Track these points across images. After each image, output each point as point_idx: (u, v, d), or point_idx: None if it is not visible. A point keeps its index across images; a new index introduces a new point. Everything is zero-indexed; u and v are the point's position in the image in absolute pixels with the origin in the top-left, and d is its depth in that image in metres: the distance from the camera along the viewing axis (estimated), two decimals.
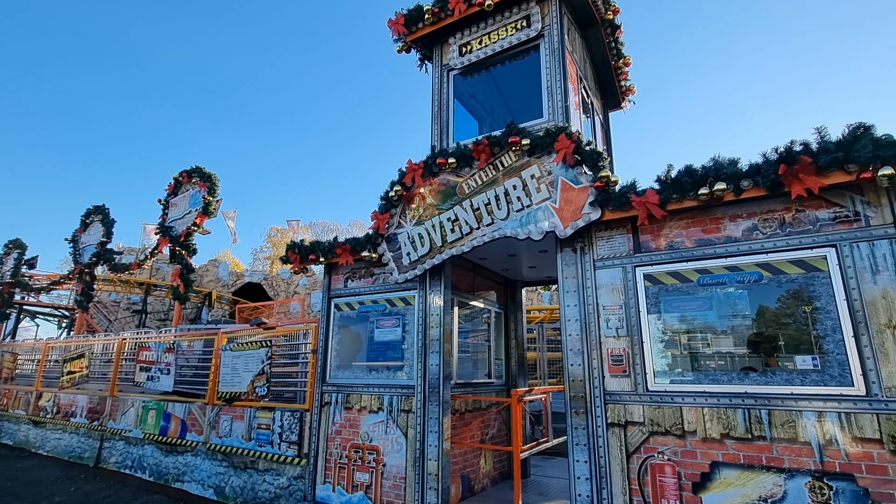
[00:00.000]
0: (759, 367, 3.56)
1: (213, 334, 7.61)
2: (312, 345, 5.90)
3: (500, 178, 4.46)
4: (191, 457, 7.01)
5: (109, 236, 12.46)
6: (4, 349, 12.38)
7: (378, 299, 5.50)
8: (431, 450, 4.64)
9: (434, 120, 5.53)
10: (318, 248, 5.52)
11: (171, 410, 7.53)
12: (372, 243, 5.11)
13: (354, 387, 5.36)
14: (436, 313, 4.94)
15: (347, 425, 5.32)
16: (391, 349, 5.37)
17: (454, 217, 4.66)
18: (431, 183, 4.87)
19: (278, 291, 33.97)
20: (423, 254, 4.84)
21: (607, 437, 3.83)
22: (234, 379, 6.75)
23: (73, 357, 9.83)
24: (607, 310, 4.05)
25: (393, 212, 5.06)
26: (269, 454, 5.95)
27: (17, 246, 16.20)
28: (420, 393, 4.85)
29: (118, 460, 8.11)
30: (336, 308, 5.82)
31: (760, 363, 3.58)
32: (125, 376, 9.07)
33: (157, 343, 8.20)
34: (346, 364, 5.64)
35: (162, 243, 10.72)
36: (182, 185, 10.83)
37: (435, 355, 4.85)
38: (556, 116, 4.69)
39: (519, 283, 7.15)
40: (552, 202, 4.16)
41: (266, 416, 6.16)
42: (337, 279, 5.89)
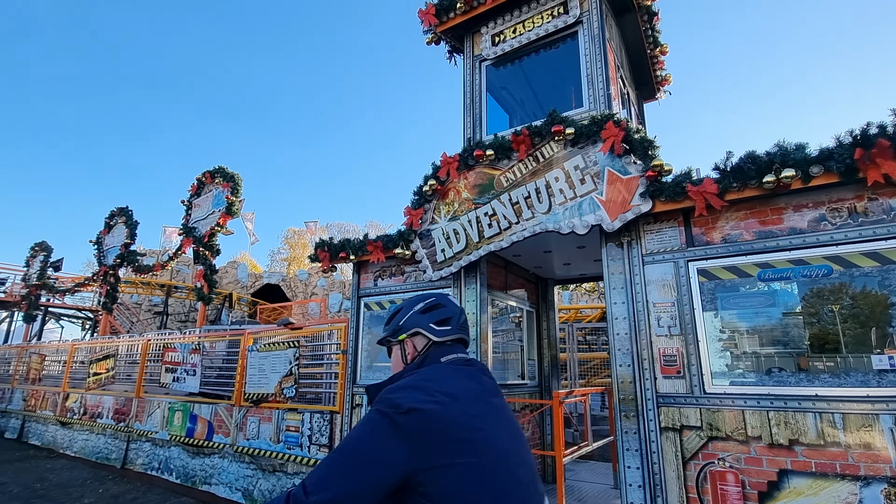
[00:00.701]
0: (830, 368, 3.31)
1: (238, 335, 7.54)
2: (342, 345, 5.77)
3: (540, 169, 4.26)
4: (218, 459, 6.93)
5: (133, 238, 12.54)
6: (32, 350, 12.54)
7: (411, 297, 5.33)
8: None
9: (466, 112, 5.36)
10: (349, 246, 5.38)
11: (197, 412, 7.47)
12: (404, 240, 4.96)
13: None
14: (472, 312, 4.76)
15: None
16: None
17: (491, 211, 4.48)
18: (467, 176, 4.69)
19: (296, 292, 34.18)
20: (458, 250, 4.66)
21: (661, 443, 3.61)
22: (261, 380, 6.65)
23: (99, 358, 9.87)
24: (658, 307, 3.82)
25: (426, 207, 4.89)
26: (299, 457, 5.83)
27: (43, 248, 16.46)
28: None
29: (145, 462, 8.09)
30: (366, 307, 5.68)
31: (832, 364, 3.32)
32: (150, 377, 9.07)
33: (182, 344, 8.16)
34: (379, 365, 5.49)
35: (186, 244, 10.72)
36: (205, 185, 10.83)
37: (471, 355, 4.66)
38: (598, 105, 4.48)
39: (550, 282, 6.93)
40: (598, 194, 3.95)
41: (295, 418, 6.04)
42: (366, 278, 5.75)
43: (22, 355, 12.98)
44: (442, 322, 1.46)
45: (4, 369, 15.07)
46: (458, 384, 1.26)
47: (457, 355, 1.41)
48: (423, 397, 1.16)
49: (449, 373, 1.32)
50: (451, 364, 1.37)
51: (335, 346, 7.75)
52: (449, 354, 1.40)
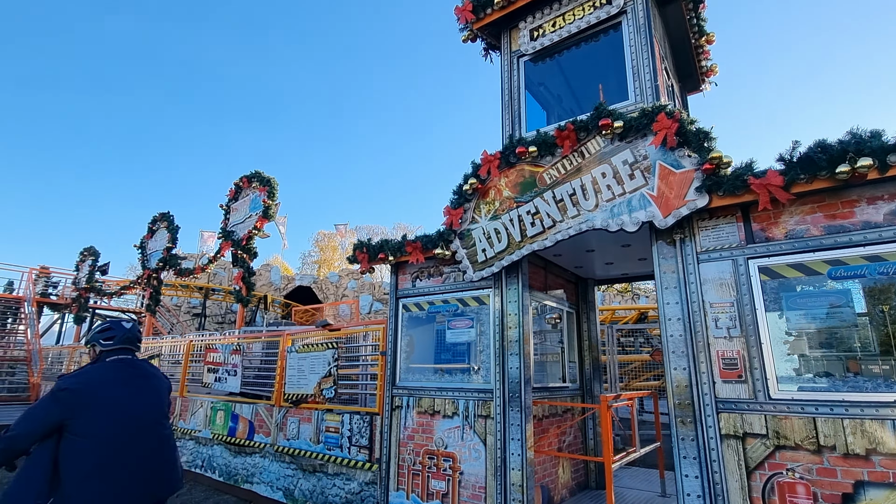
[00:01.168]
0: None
1: (277, 336, 7.65)
2: (381, 346, 5.75)
3: (586, 165, 4.12)
4: (259, 458, 7.04)
5: (174, 242, 12.98)
6: (83, 351, 13.11)
7: (449, 299, 5.27)
8: (514, 459, 4.35)
9: (504, 109, 5.26)
10: (387, 247, 5.36)
11: (238, 411, 7.61)
12: (444, 240, 4.89)
13: (426, 390, 5.15)
14: (513, 313, 4.66)
15: (420, 430, 5.11)
16: (464, 351, 5.13)
17: (534, 210, 4.37)
18: (508, 174, 4.59)
19: (327, 294, 34.72)
20: (500, 250, 4.57)
21: (722, 451, 3.41)
22: (300, 381, 6.71)
23: (144, 358, 10.22)
24: (715, 307, 3.62)
25: (466, 206, 4.82)
26: (339, 458, 5.84)
27: (91, 253, 17.25)
28: (499, 398, 4.57)
29: (189, 459, 8.30)
30: (404, 308, 5.64)
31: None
32: (192, 377, 9.33)
33: (223, 345, 8.35)
34: (417, 366, 5.45)
35: (224, 247, 11.00)
36: (242, 190, 11.10)
37: (514, 358, 4.56)
38: (645, 98, 4.31)
39: (591, 282, 6.74)
40: (648, 189, 3.79)
41: (334, 419, 6.07)
42: (404, 279, 5.72)
43: (73, 355, 13.61)
44: (108, 338, 2.58)
45: (57, 369, 15.86)
46: (103, 372, 2.46)
47: (118, 357, 2.56)
48: (72, 380, 2.35)
49: (102, 366, 2.50)
50: (110, 361, 2.53)
51: (369, 347, 7.79)
52: (113, 356, 2.55)
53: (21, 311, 17.75)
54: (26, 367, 15.57)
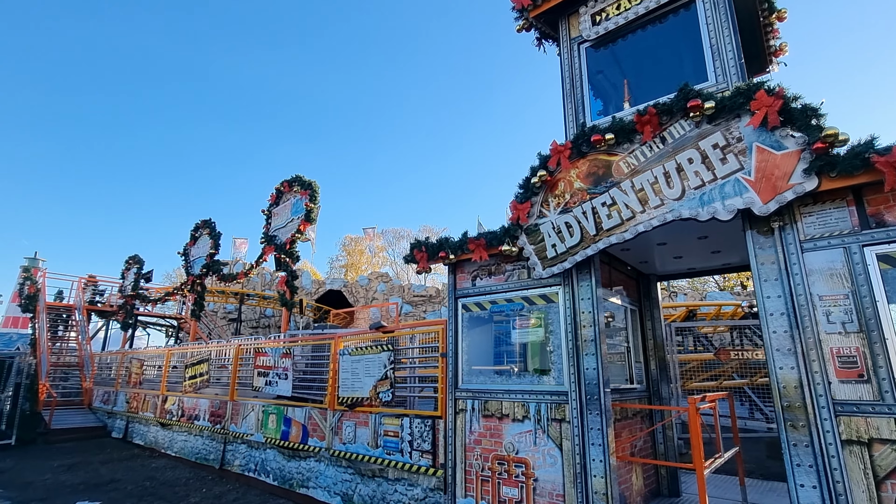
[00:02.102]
0: None
1: (328, 339, 7.59)
2: (441, 348, 5.59)
3: (669, 151, 3.86)
4: (314, 462, 6.98)
5: (217, 248, 13.18)
6: (132, 356, 13.45)
7: (513, 297, 5.07)
8: (595, 465, 4.10)
9: (566, 99, 5.03)
10: (447, 245, 5.19)
11: (291, 415, 7.58)
12: (510, 236, 4.70)
13: (492, 393, 4.96)
14: (587, 311, 4.42)
15: (487, 434, 4.92)
16: (532, 352, 4.91)
17: (610, 201, 4.12)
18: (579, 165, 4.36)
19: (357, 298, 34.96)
20: (572, 245, 4.34)
21: (843, 458, 3.10)
22: (354, 384, 6.61)
23: (193, 362, 10.36)
24: (826, 300, 3.31)
25: (534, 200, 4.61)
26: (400, 463, 5.70)
27: (136, 261, 17.74)
28: (575, 400, 4.33)
29: (242, 463, 8.33)
30: (464, 308, 5.46)
31: None
32: (241, 381, 9.38)
33: (273, 348, 8.35)
34: (481, 368, 5.26)
35: (267, 252, 11.08)
36: (283, 194, 11.16)
37: (591, 358, 4.32)
38: (728, 77, 4.02)
39: (652, 277, 6.42)
40: (744, 174, 3.50)
41: (393, 422, 5.93)
42: (463, 278, 5.54)
43: (123, 360, 13.97)
44: None
45: (107, 373, 16.36)
46: None
47: None
48: None
49: None
50: None
51: (416, 349, 7.65)
52: None
53: (72, 319, 18.39)
54: (79, 372, 16.09)
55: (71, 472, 9.14)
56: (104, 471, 9.27)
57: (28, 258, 26.94)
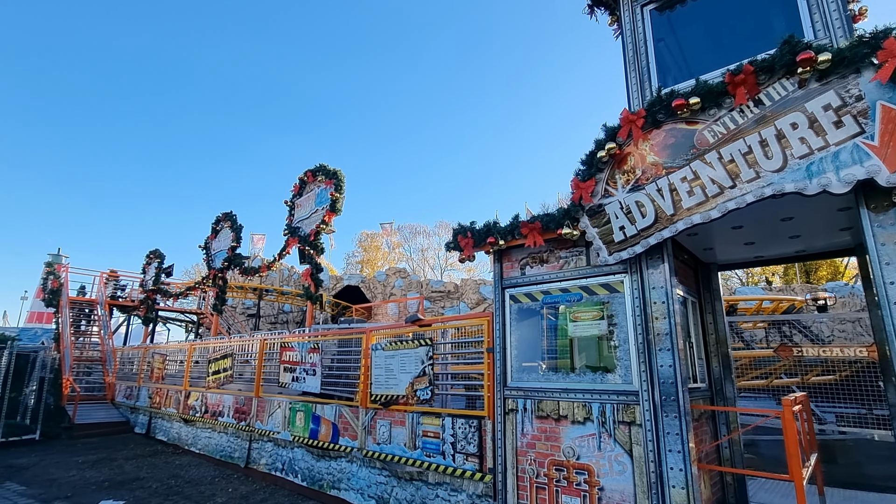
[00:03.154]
0: None
1: (358, 333, 7.22)
2: (486, 342, 5.15)
3: (766, 116, 3.35)
4: (345, 463, 6.61)
5: (238, 241, 12.92)
6: (154, 351, 13.30)
7: (569, 287, 4.60)
8: (674, 475, 3.63)
9: (629, 66, 4.54)
10: (496, 230, 4.75)
11: (320, 413, 7.23)
12: (571, 218, 4.23)
13: (547, 392, 4.51)
14: (659, 301, 3.94)
15: (542, 437, 4.47)
16: (592, 347, 4.45)
17: (691, 175, 3.63)
18: (653, 136, 3.87)
19: (375, 293, 34.73)
20: (644, 226, 3.86)
21: None
22: (388, 381, 6.22)
23: (217, 358, 10.10)
24: None
25: (598, 178, 4.13)
26: (441, 466, 5.29)
27: (157, 256, 17.64)
28: (647, 401, 3.86)
29: (268, 462, 8.02)
30: (512, 300, 5.02)
31: None
32: (267, 377, 9.08)
33: (300, 343, 8.01)
34: (532, 365, 4.81)
35: (290, 244, 10.76)
36: (307, 184, 10.82)
37: (665, 354, 3.84)
38: (831, 31, 3.49)
39: (713, 266, 5.89)
40: (865, 138, 2.98)
41: (433, 422, 5.52)
42: (510, 266, 5.09)
43: (145, 356, 13.84)
44: None
45: (129, 368, 16.31)
46: None
47: None
48: None
49: None
50: None
51: (450, 345, 7.22)
52: None
53: (94, 314, 18.41)
54: (101, 367, 16.06)
55: (95, 469, 8.95)
56: (128, 468, 9.06)
57: (51, 254, 27.23)
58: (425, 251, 54.11)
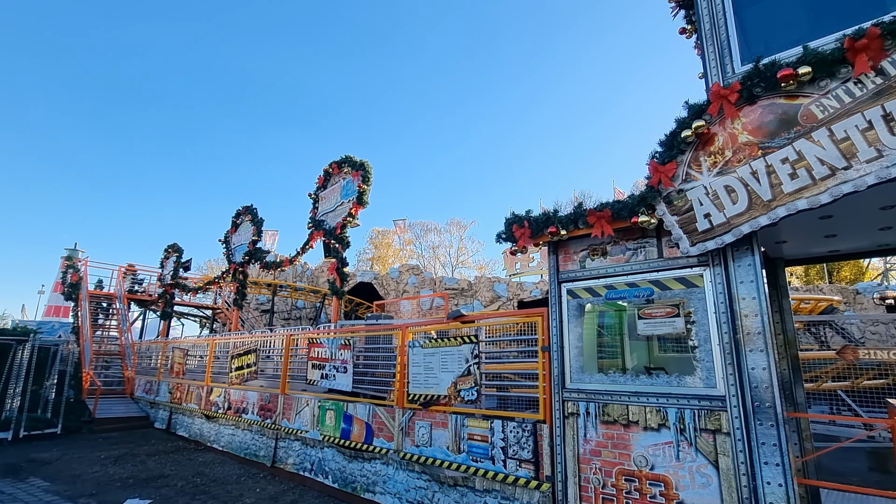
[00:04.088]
0: None
1: (391, 329, 6.90)
2: (542, 340, 4.80)
3: (890, 87, 2.95)
4: (380, 465, 6.30)
5: (259, 235, 12.70)
6: (174, 345, 13.12)
7: (637, 281, 4.23)
8: (772, 491, 3.26)
9: (706, 41, 4.14)
10: (557, 220, 4.38)
11: (352, 412, 6.93)
12: (647, 205, 3.85)
13: (614, 394, 4.14)
14: (749, 297, 3.55)
15: (609, 445, 4.12)
16: (666, 347, 4.08)
17: (794, 156, 3.24)
18: (746, 113, 3.49)
19: (388, 290, 34.52)
20: (735, 213, 3.47)
21: None
22: (428, 380, 5.90)
23: (240, 353, 9.86)
24: None
25: (679, 160, 3.75)
26: (490, 472, 4.95)
27: (175, 250, 17.52)
28: (736, 407, 3.49)
29: (296, 462, 7.75)
30: (570, 295, 4.65)
31: None
32: (292, 374, 8.82)
33: (330, 339, 7.72)
34: (594, 365, 4.45)
35: (315, 237, 10.49)
36: (332, 176, 10.53)
37: (758, 355, 3.46)
38: None
39: (780, 262, 5.47)
40: None
41: (480, 425, 5.18)
42: (568, 259, 4.73)
43: (165, 350, 13.69)
44: None
45: (147, 363, 16.20)
46: None
47: None
48: None
49: None
50: None
51: (483, 342, 6.87)
52: None
53: (113, 307, 18.34)
54: (120, 361, 15.96)
55: (118, 465, 8.75)
56: (152, 464, 8.85)
57: (68, 249, 27.34)
58: (436, 248, 53.84)
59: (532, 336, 5.10)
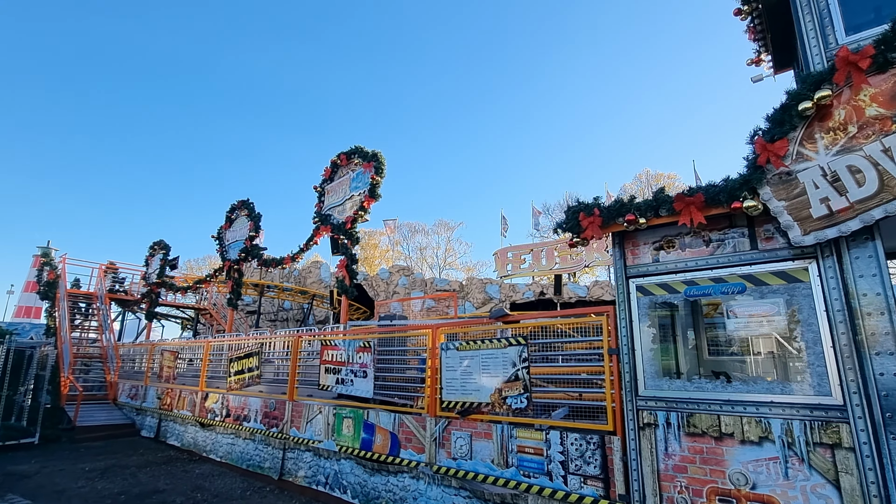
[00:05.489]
0: None
1: (419, 329, 6.36)
2: (609, 342, 4.32)
3: None
4: (409, 479, 5.75)
5: (258, 231, 11.98)
6: (164, 348, 12.29)
7: (725, 276, 3.79)
8: None
9: (803, 13, 3.73)
10: (634, 207, 3.91)
11: (373, 420, 6.35)
12: (750, 188, 3.41)
13: (700, 403, 3.68)
14: (873, 292, 3.13)
15: (697, 460, 3.65)
16: (765, 349, 3.64)
17: None
18: (875, 83, 3.07)
19: (378, 292, 33.83)
20: (862, 197, 3.05)
21: None
22: (465, 385, 5.37)
23: (240, 356, 9.17)
24: None
25: (791, 137, 3.32)
26: (547, 489, 4.44)
27: (162, 247, 16.59)
28: (861, 418, 3.06)
29: (308, 475, 7.12)
30: (641, 292, 4.19)
31: None
32: (300, 378, 8.19)
33: (347, 341, 7.12)
34: (673, 369, 4.00)
35: (320, 232, 9.85)
36: (340, 168, 9.90)
37: (888, 359, 3.04)
38: None
39: None
40: None
41: (533, 436, 4.68)
42: (637, 252, 4.27)
43: (152, 352, 12.83)
44: None
45: (131, 366, 15.24)
46: None
47: None
48: None
49: None
50: None
51: (550, 345, 6.34)
52: None
53: (93, 307, 17.29)
54: (101, 364, 14.98)
55: (106, 479, 7.98)
56: (143, 477, 8.10)
57: (41, 247, 25.91)
58: (424, 250, 53.23)
59: (596, 338, 4.61)
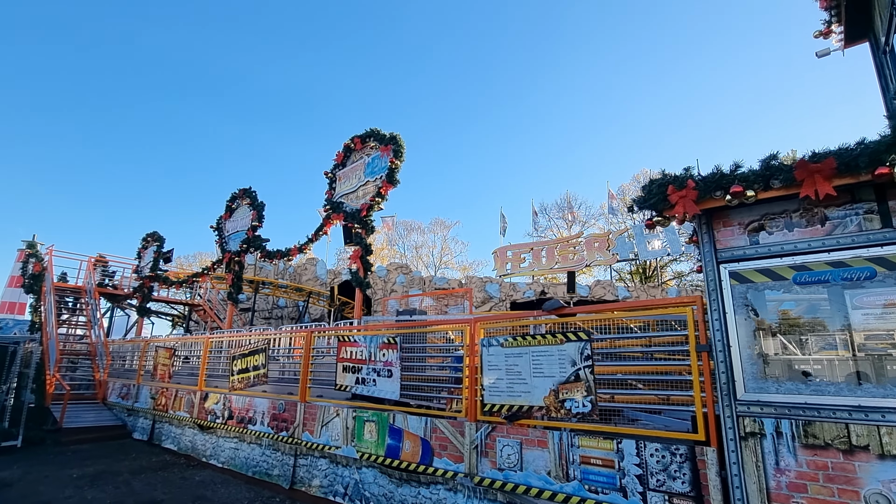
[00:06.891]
0: None
1: (458, 324, 5.73)
2: (698, 338, 3.73)
3: None
4: (445, 491, 5.12)
5: (261, 220, 11.26)
6: (158, 344, 11.53)
7: (846, 260, 3.21)
8: None
9: None
10: (739, 177, 3.32)
11: (400, 425, 5.71)
12: None
13: (821, 409, 3.11)
14: None
15: (819, 477, 3.07)
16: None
17: None
18: None
19: (376, 289, 33.13)
20: None
21: None
22: (513, 387, 4.76)
23: (244, 353, 8.47)
24: None
25: None
26: None
27: (155, 239, 15.78)
28: None
29: (324, 484, 6.46)
30: (735, 279, 3.60)
31: None
32: (313, 378, 7.52)
33: (367, 336, 6.46)
34: (780, 370, 3.41)
35: (332, 220, 9.18)
36: (353, 152, 9.23)
37: None
38: None
39: None
40: None
41: (601, 445, 4.07)
42: (729, 233, 3.68)
43: (145, 350, 12.05)
44: None
45: (122, 364, 14.42)
46: None
47: None
48: None
49: None
50: None
51: (620, 340, 5.77)
52: None
53: (81, 302, 16.41)
54: (90, 362, 14.14)
55: (97, 487, 7.24)
56: (138, 485, 7.37)
57: (26, 241, 24.86)
58: (419, 248, 52.50)
59: (681, 332, 4.01)
